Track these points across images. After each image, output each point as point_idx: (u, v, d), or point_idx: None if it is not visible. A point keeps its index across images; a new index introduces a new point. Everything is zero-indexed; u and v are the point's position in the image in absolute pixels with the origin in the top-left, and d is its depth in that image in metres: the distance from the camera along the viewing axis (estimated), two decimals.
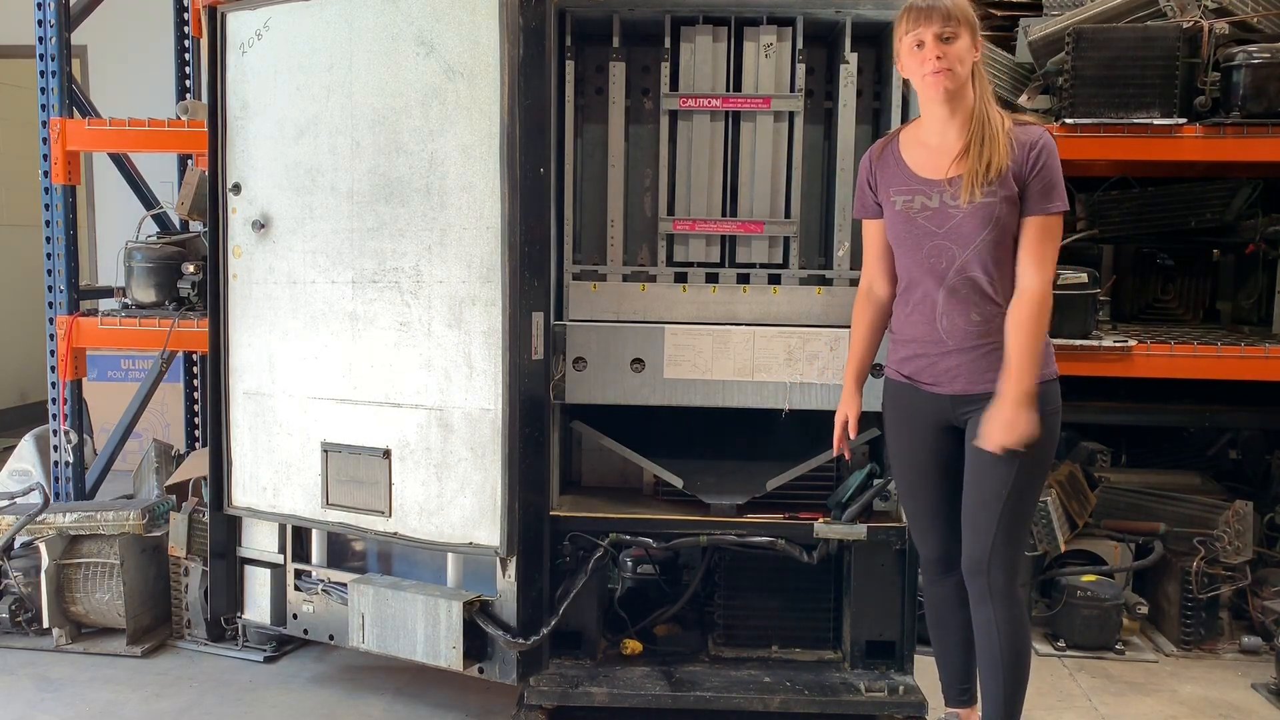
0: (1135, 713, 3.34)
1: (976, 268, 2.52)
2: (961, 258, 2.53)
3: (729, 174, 3.29)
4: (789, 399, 3.16)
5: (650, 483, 3.42)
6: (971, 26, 2.51)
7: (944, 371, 2.60)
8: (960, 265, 2.53)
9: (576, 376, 3.17)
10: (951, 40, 2.48)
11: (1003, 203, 2.48)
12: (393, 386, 3.10)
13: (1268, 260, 4.26)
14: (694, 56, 3.24)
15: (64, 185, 4.12)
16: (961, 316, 2.55)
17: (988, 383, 2.53)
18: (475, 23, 2.89)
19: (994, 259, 2.51)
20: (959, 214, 2.52)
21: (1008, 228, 2.50)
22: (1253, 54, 3.67)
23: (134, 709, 3.29)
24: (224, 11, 3.29)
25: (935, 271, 2.56)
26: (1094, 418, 4.17)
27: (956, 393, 2.59)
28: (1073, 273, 3.75)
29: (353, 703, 3.34)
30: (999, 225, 2.49)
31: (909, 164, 2.61)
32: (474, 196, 2.95)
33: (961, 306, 2.55)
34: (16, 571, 3.74)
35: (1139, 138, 3.75)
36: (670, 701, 3.07)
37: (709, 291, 3.24)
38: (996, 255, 2.51)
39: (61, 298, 4.18)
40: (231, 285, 3.36)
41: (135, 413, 4.69)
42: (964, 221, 2.51)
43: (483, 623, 3.02)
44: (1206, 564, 3.75)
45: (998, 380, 2.50)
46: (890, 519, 3.16)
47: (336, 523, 3.24)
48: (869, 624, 3.19)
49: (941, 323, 2.57)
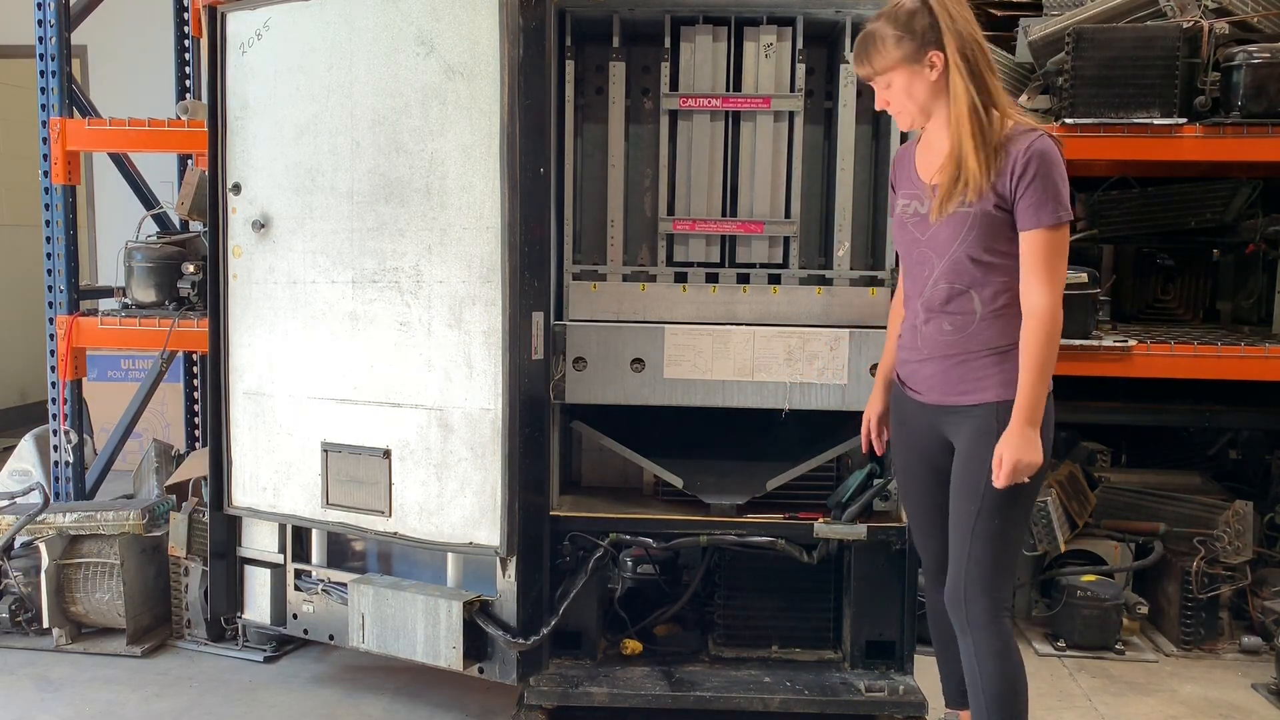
0: (1135, 713, 3.34)
1: (949, 278, 2.42)
2: (938, 267, 2.43)
3: (729, 174, 3.29)
4: (789, 399, 3.16)
5: (650, 483, 3.42)
6: (903, 58, 2.36)
7: (924, 379, 2.53)
8: (937, 275, 2.44)
9: (576, 376, 3.17)
10: (889, 85, 2.41)
11: (980, 215, 2.34)
12: (393, 386, 3.10)
13: (1268, 260, 4.26)
14: (694, 56, 3.24)
15: (64, 185, 4.12)
16: (935, 325, 2.47)
17: (959, 394, 2.44)
18: (475, 23, 2.89)
19: (969, 270, 2.39)
20: (937, 223, 2.42)
21: (986, 239, 2.36)
22: (1253, 54, 3.67)
23: (134, 709, 3.29)
24: (224, 11, 3.29)
25: (919, 279, 2.49)
26: (1094, 418, 4.17)
27: (934, 403, 2.50)
28: (1073, 273, 3.74)
29: (353, 703, 3.34)
30: (974, 237, 2.36)
31: (916, 166, 2.52)
32: (474, 196, 2.95)
33: (936, 316, 2.46)
34: (16, 571, 3.74)
35: (1139, 138, 3.75)
36: (670, 701, 3.07)
37: (709, 291, 3.24)
38: (972, 267, 2.38)
39: (61, 298, 4.18)
40: (231, 285, 3.36)
41: (135, 413, 4.69)
42: (939, 230, 2.42)
43: (483, 623, 3.02)
44: (1206, 564, 3.75)
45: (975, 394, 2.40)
46: (890, 519, 3.16)
47: (336, 523, 3.24)
48: (869, 624, 3.19)
49: (921, 330, 2.50)
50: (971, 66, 2.34)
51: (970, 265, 2.39)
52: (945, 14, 2.33)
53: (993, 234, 2.36)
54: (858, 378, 3.12)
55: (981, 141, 2.32)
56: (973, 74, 2.34)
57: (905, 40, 2.36)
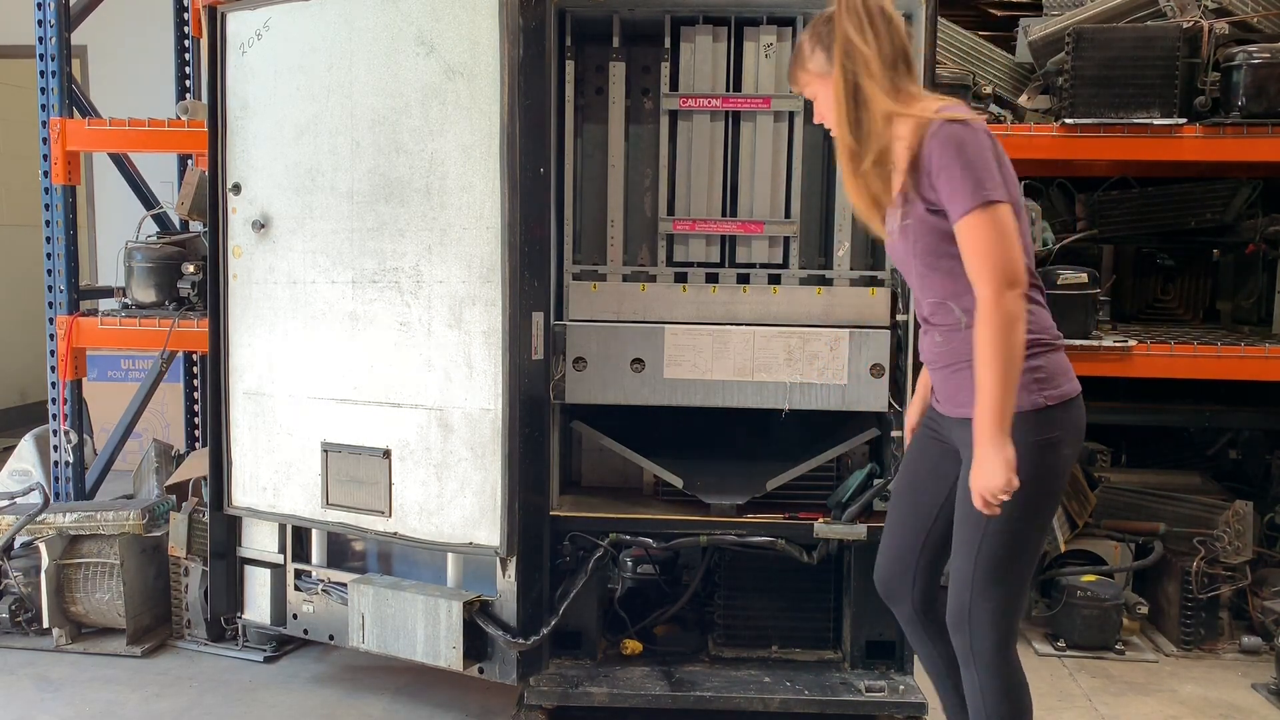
0: (1135, 713, 3.34)
1: (923, 291, 2.32)
2: (913, 281, 2.35)
3: (729, 174, 3.29)
4: (789, 399, 3.16)
5: (650, 483, 3.42)
6: (816, 71, 2.30)
7: (936, 389, 2.44)
8: (916, 288, 2.37)
9: (576, 376, 3.17)
10: (814, 97, 2.35)
11: (917, 224, 2.22)
12: (393, 386, 3.10)
13: (1268, 260, 4.26)
14: (694, 56, 3.24)
15: (64, 185, 4.12)
16: (929, 337, 2.36)
17: (956, 406, 2.30)
18: (475, 23, 2.89)
19: (936, 282, 2.26)
20: (896, 238, 2.32)
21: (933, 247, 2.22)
22: (1253, 54, 3.67)
23: (134, 709, 3.29)
24: (224, 11, 3.29)
25: (914, 291, 2.41)
26: (1094, 418, 4.08)
27: (944, 412, 2.38)
28: (1073, 273, 3.75)
29: (353, 703, 3.34)
30: (921, 247, 2.23)
31: None
32: (474, 196, 2.95)
33: (929, 328, 2.36)
34: (16, 571, 3.74)
35: (1139, 138, 3.75)
36: (670, 701, 3.07)
37: (709, 291, 3.24)
38: (936, 278, 2.25)
39: (61, 298, 4.17)
40: (231, 285, 3.36)
41: (135, 413, 4.69)
42: (897, 245, 2.33)
43: (483, 623, 3.02)
44: (1206, 564, 3.75)
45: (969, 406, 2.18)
46: None
47: (336, 523, 3.24)
48: (869, 624, 3.19)
49: (923, 341, 2.42)
50: (845, 72, 2.23)
51: (933, 276, 2.26)
52: (840, 21, 2.24)
53: (936, 240, 2.21)
54: (858, 378, 3.12)
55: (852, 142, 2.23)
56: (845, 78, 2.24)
57: (819, 52, 2.31)
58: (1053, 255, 3.97)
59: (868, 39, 2.22)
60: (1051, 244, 3.98)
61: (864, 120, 2.24)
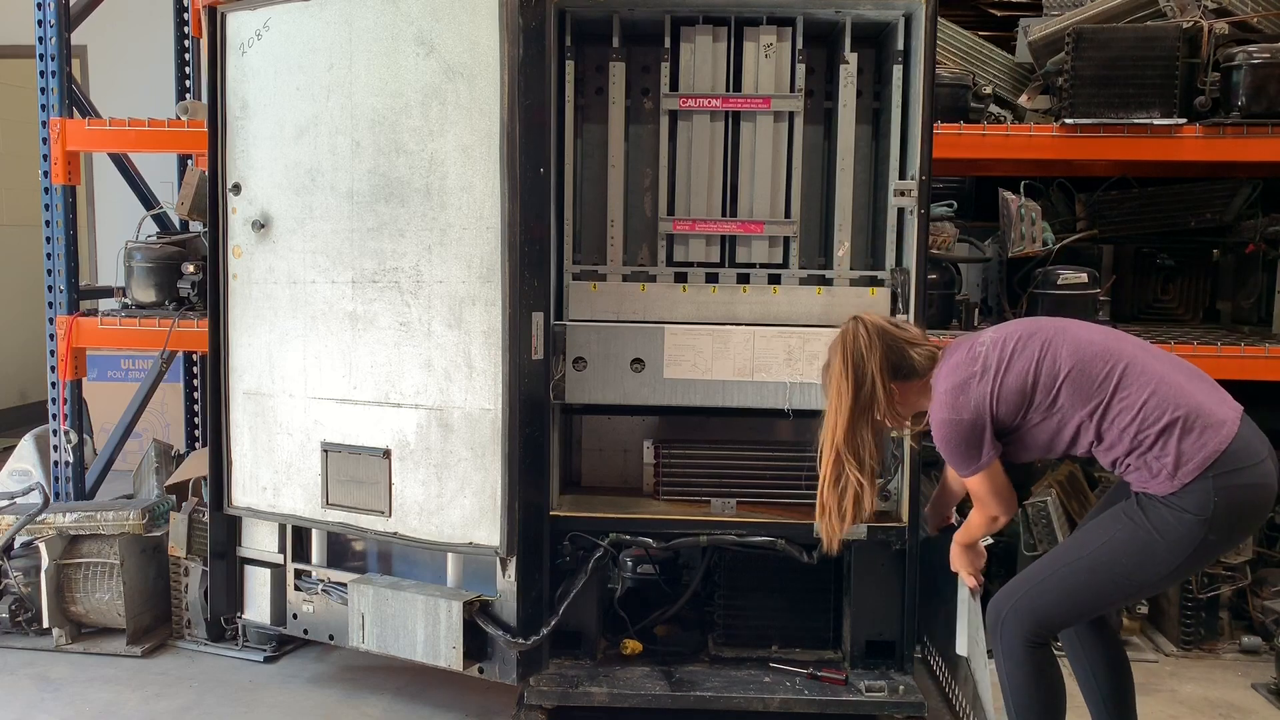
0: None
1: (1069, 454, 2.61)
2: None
3: (729, 174, 3.28)
4: (789, 399, 3.16)
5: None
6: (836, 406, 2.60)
7: None
8: None
9: (576, 376, 3.17)
10: None
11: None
12: (393, 386, 3.10)
13: (1268, 260, 4.26)
14: (694, 56, 3.24)
15: (64, 185, 4.12)
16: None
17: (1138, 486, 2.46)
18: (475, 23, 2.89)
19: (1060, 448, 2.54)
20: None
21: (1018, 446, 2.56)
22: (1253, 54, 3.67)
23: (134, 709, 3.29)
24: (224, 11, 3.29)
25: None
26: None
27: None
28: (1073, 273, 3.75)
29: (352, 703, 3.34)
30: (1013, 449, 2.57)
31: None
32: (474, 196, 2.95)
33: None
34: (16, 571, 3.74)
35: (1139, 138, 3.75)
36: (670, 701, 3.07)
37: (709, 291, 3.24)
38: (1058, 448, 2.54)
39: (61, 298, 4.18)
40: (231, 285, 3.36)
41: (135, 413, 4.69)
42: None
43: (483, 623, 3.02)
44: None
45: (1148, 485, 2.42)
46: (890, 519, 3.16)
47: (336, 523, 3.24)
48: (869, 624, 3.19)
49: None
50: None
51: (1056, 450, 2.54)
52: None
53: (1015, 446, 2.56)
54: None
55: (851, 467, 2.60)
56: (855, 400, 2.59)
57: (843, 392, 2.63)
58: (1053, 255, 3.97)
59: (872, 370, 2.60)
60: (1051, 244, 3.97)
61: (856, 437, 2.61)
